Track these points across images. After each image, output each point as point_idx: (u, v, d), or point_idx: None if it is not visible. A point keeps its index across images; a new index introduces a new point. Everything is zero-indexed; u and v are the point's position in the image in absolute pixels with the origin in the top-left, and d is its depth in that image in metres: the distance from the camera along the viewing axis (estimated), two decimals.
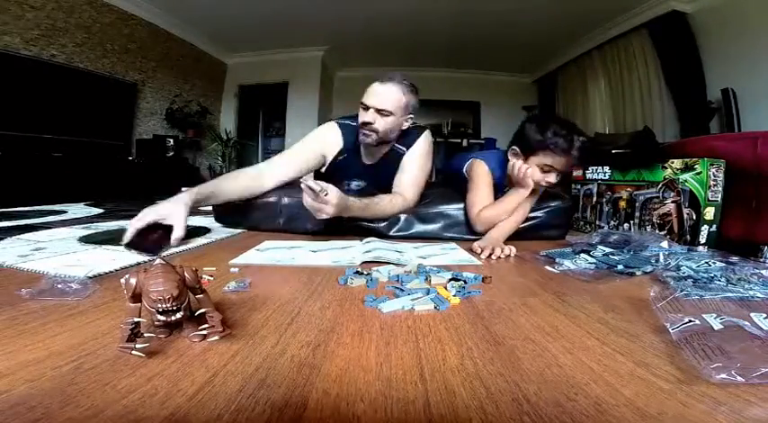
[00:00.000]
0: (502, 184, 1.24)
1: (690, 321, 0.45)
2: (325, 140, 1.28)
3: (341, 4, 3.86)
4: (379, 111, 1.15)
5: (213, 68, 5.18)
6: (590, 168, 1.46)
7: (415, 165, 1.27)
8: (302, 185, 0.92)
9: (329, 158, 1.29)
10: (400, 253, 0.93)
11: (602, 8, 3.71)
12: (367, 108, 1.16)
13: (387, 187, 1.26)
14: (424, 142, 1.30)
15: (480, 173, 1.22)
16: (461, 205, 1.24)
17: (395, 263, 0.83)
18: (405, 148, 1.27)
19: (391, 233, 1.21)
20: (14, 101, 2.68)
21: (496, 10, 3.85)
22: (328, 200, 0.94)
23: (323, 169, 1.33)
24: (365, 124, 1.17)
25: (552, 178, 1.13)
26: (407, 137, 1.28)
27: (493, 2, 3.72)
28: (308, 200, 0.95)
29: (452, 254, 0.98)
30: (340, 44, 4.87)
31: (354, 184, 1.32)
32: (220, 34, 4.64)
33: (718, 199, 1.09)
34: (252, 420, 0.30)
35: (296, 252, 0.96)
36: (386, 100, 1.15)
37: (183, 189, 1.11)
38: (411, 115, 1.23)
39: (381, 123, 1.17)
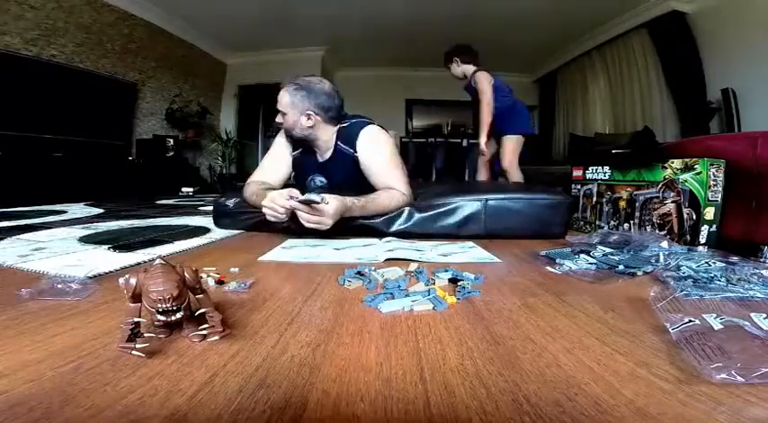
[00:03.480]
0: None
1: (690, 321, 0.44)
2: (282, 140, 1.38)
3: (340, 4, 3.86)
4: (281, 113, 1.26)
5: (213, 68, 5.18)
6: (590, 168, 1.45)
7: (378, 159, 1.26)
8: (292, 203, 0.97)
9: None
10: (421, 252, 0.96)
11: (602, 8, 3.72)
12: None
13: (342, 184, 1.28)
14: (368, 134, 1.28)
15: None
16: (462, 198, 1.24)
17: (417, 260, 0.85)
18: (348, 147, 1.27)
19: (392, 230, 1.20)
20: (14, 101, 2.68)
21: (496, 10, 3.85)
22: (325, 211, 0.97)
23: None
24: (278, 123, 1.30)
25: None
26: (348, 134, 1.28)
27: (493, 2, 3.72)
28: (303, 216, 0.98)
29: (472, 252, 1.00)
30: (340, 44, 4.87)
31: (318, 180, 1.37)
32: (220, 34, 4.64)
33: (719, 199, 1.09)
34: (252, 420, 0.30)
35: (320, 250, 0.98)
36: (281, 105, 1.24)
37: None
38: (309, 112, 1.23)
39: (285, 123, 1.27)
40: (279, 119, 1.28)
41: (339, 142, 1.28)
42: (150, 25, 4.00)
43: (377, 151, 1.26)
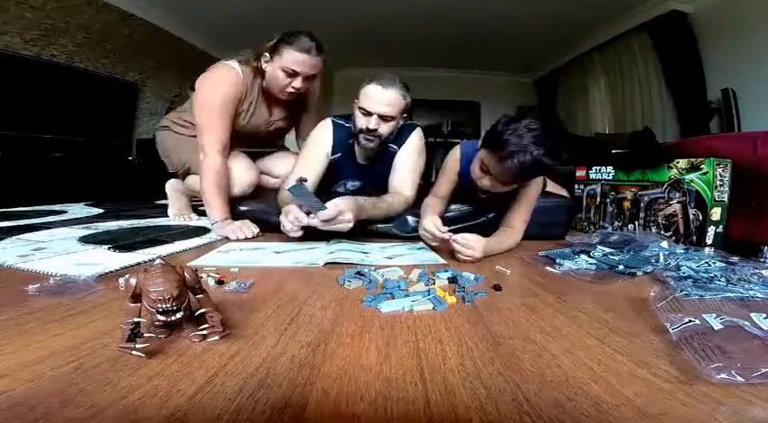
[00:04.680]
0: (467, 178, 1.10)
1: (690, 321, 0.45)
2: (322, 140, 1.28)
3: (341, 3, 3.86)
4: (383, 117, 1.13)
5: None
6: (594, 168, 1.45)
7: (408, 163, 1.25)
8: (315, 222, 0.93)
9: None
10: (365, 254, 0.92)
11: (602, 8, 3.71)
12: (369, 114, 1.13)
13: (382, 186, 1.25)
14: (415, 139, 1.27)
15: (448, 160, 1.19)
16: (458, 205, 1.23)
17: (358, 263, 0.82)
18: (396, 147, 1.26)
19: (405, 234, 1.19)
20: (14, 101, 2.68)
21: (497, 10, 3.85)
22: (345, 218, 0.94)
23: None
24: (369, 131, 1.14)
25: (486, 181, 0.95)
26: (399, 135, 1.25)
27: (493, 2, 3.72)
28: (325, 225, 0.94)
29: (419, 254, 0.96)
30: (340, 44, 4.86)
31: (350, 184, 1.30)
32: (220, 34, 4.63)
33: (725, 199, 1.07)
34: (252, 420, 0.30)
35: (259, 253, 0.94)
36: (390, 106, 1.12)
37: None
38: (405, 115, 1.22)
39: (385, 129, 1.16)
40: (374, 125, 1.12)
41: (389, 143, 1.24)
42: (150, 25, 4.00)
43: (412, 157, 1.26)
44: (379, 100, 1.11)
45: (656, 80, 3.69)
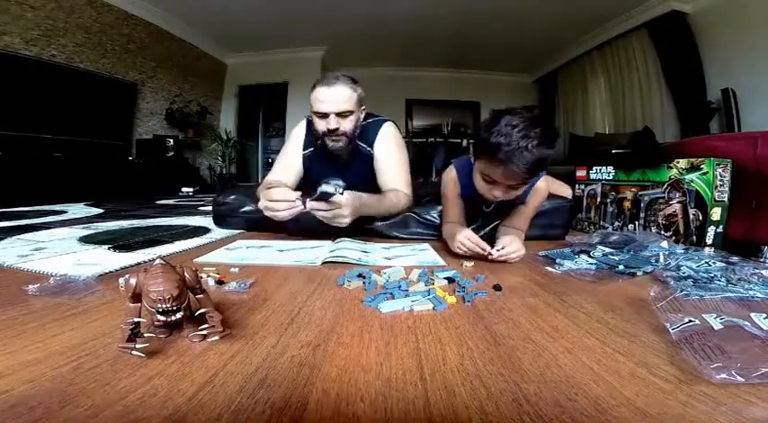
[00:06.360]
0: (469, 194, 1.06)
1: (690, 321, 0.44)
2: (297, 136, 1.29)
3: (341, 4, 3.86)
4: (340, 114, 1.13)
5: (213, 68, 5.17)
6: (594, 168, 1.45)
7: (391, 159, 1.23)
8: (309, 205, 0.89)
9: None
10: (366, 253, 0.92)
11: (602, 8, 3.71)
12: (325, 115, 1.13)
13: (358, 185, 1.22)
14: (387, 133, 1.25)
15: (446, 182, 1.12)
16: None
17: (356, 262, 0.82)
18: (367, 146, 1.24)
19: (394, 233, 1.20)
20: (14, 101, 2.68)
21: (497, 10, 3.85)
22: (341, 202, 0.90)
23: None
24: (331, 131, 1.14)
25: (496, 192, 0.91)
26: (366, 132, 1.23)
27: (493, 2, 3.72)
28: (319, 213, 0.91)
29: (421, 255, 0.96)
30: (340, 44, 4.87)
31: (333, 183, 1.28)
32: (220, 34, 4.64)
33: (725, 199, 1.07)
34: (252, 420, 0.30)
35: (263, 251, 0.95)
36: (343, 102, 1.12)
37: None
38: (363, 107, 1.21)
39: (347, 125, 1.15)
40: (334, 124, 1.11)
41: (357, 140, 1.22)
42: (150, 25, 4.00)
43: (392, 151, 1.24)
44: (329, 99, 1.11)
45: (656, 80, 3.69)
